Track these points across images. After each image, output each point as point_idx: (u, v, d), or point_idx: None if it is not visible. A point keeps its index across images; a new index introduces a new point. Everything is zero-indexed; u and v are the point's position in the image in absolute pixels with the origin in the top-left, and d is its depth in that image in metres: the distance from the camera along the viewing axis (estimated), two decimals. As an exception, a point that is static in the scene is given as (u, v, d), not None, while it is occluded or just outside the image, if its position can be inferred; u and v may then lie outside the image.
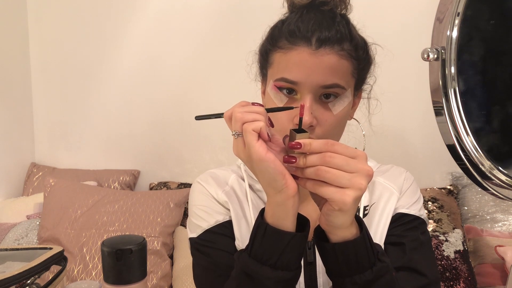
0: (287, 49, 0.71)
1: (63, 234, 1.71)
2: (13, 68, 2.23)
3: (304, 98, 0.69)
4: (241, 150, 0.60)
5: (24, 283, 0.73)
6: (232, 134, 0.60)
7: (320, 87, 0.69)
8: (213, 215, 0.78)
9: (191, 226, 0.80)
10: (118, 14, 2.18)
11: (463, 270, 1.57)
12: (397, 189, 0.81)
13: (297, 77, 0.69)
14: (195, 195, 0.82)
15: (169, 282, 1.69)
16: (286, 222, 0.60)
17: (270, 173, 0.57)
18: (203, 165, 2.15)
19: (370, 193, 0.81)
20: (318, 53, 0.68)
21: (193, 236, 0.78)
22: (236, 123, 0.59)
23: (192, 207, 0.81)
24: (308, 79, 0.68)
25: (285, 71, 0.70)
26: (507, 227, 1.68)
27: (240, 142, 0.60)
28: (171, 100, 2.16)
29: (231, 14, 2.04)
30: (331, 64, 0.69)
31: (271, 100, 0.73)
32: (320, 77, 0.68)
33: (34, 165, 2.29)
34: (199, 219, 0.79)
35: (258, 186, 0.80)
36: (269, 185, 0.59)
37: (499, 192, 0.54)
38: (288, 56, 0.70)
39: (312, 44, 0.69)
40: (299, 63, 0.69)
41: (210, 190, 0.80)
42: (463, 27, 0.51)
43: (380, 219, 0.78)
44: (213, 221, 0.77)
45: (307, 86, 0.68)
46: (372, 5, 1.83)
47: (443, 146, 0.54)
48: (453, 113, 0.51)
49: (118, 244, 0.46)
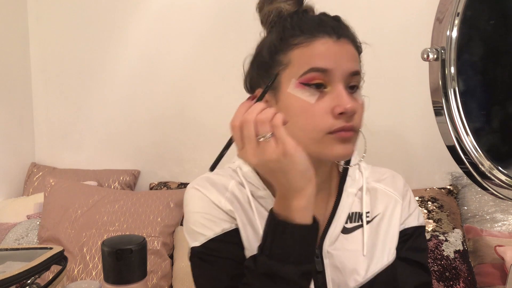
0: (307, 42, 0.68)
1: (63, 234, 1.71)
2: (13, 68, 2.23)
3: (336, 87, 0.67)
4: (272, 150, 0.58)
5: (24, 283, 0.73)
6: (261, 138, 0.59)
7: (349, 74, 0.67)
8: (218, 223, 0.74)
9: (192, 235, 0.75)
10: (118, 15, 2.18)
11: (463, 270, 1.57)
12: (399, 195, 0.80)
13: (327, 64, 0.66)
14: (195, 201, 0.77)
15: (169, 282, 1.69)
16: (311, 213, 0.61)
17: (303, 164, 0.59)
18: (203, 165, 2.15)
19: (372, 200, 0.79)
20: (340, 42, 0.68)
21: (195, 245, 0.74)
22: (263, 124, 0.58)
23: (192, 214, 0.76)
24: (339, 65, 0.66)
25: (311, 62, 0.67)
26: (507, 227, 1.68)
27: (271, 143, 0.58)
28: (171, 100, 2.16)
29: (231, 13, 2.03)
30: (352, 52, 0.69)
31: (293, 104, 0.68)
32: (348, 64, 0.68)
33: (34, 165, 2.29)
34: (201, 227, 0.74)
35: (260, 193, 0.77)
36: (302, 177, 0.59)
37: (499, 192, 0.54)
38: (311, 48, 0.68)
39: (333, 34, 0.68)
40: (326, 52, 0.67)
41: (211, 197, 0.75)
42: (463, 27, 0.51)
43: (387, 234, 0.76)
44: (219, 230, 0.73)
45: (338, 73, 0.66)
46: (372, 5, 1.83)
47: (443, 146, 0.54)
48: (453, 113, 0.51)
49: (118, 244, 0.46)
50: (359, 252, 0.74)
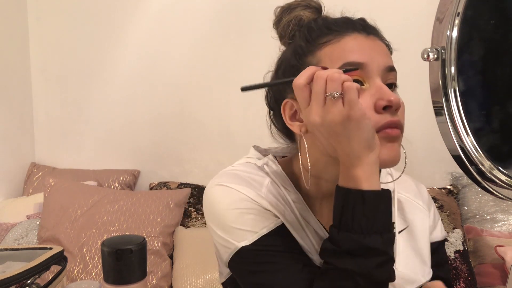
0: (337, 39, 0.64)
1: (63, 234, 1.71)
2: (13, 68, 2.23)
3: (375, 82, 0.62)
4: (338, 111, 0.55)
5: (24, 283, 0.73)
6: (329, 95, 0.56)
7: (385, 68, 0.64)
8: (266, 217, 0.67)
9: (235, 234, 0.67)
10: (118, 15, 2.18)
11: (463, 270, 1.57)
12: (426, 206, 0.77)
13: (361, 58, 0.62)
14: (227, 198, 0.68)
15: (169, 282, 1.69)
16: (378, 180, 0.58)
17: (369, 131, 0.56)
18: (203, 165, 2.15)
19: (399, 211, 0.75)
20: (370, 38, 0.65)
21: (245, 244, 0.65)
22: (333, 82, 0.55)
23: (228, 212, 0.67)
24: (374, 59, 0.63)
25: (344, 57, 0.62)
26: (507, 227, 1.68)
27: (337, 103, 0.55)
28: (171, 100, 2.16)
29: (231, 13, 2.04)
30: (384, 48, 0.66)
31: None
32: (383, 58, 0.64)
33: (34, 165, 2.29)
34: (247, 224, 0.66)
35: (292, 196, 0.70)
36: (366, 144, 0.57)
37: (499, 192, 0.54)
38: (343, 43, 0.64)
39: (362, 31, 0.65)
40: (358, 46, 0.63)
41: (246, 193, 0.68)
42: (463, 27, 0.51)
43: (419, 249, 0.73)
44: (271, 224, 0.66)
45: (375, 67, 0.63)
46: (372, 5, 1.82)
47: (443, 146, 0.54)
48: (453, 113, 0.51)
49: (118, 244, 0.46)
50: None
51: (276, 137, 0.77)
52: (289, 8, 0.70)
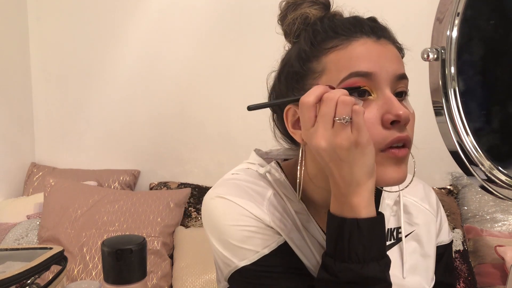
0: (344, 44, 0.60)
1: (63, 234, 1.71)
2: (13, 68, 2.23)
3: (383, 93, 0.58)
4: (346, 136, 0.53)
5: (24, 283, 0.73)
6: (339, 120, 0.53)
7: (395, 77, 0.59)
8: (269, 235, 0.64)
9: (235, 252, 0.64)
10: (118, 15, 2.18)
11: (463, 270, 1.57)
12: (433, 212, 0.75)
13: (369, 67, 0.58)
14: (228, 213, 0.65)
15: (169, 282, 1.69)
16: (374, 206, 0.57)
17: (373, 157, 0.55)
18: (203, 165, 2.16)
19: (406, 215, 0.74)
20: (381, 42, 0.61)
21: (245, 264, 0.63)
22: (345, 106, 0.53)
23: (229, 228, 0.64)
24: (383, 68, 0.58)
25: (351, 66, 0.58)
26: (507, 227, 1.68)
27: (347, 128, 0.53)
28: (171, 100, 2.16)
29: (231, 13, 2.04)
30: (395, 53, 0.62)
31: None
32: (393, 66, 0.59)
33: (34, 165, 2.29)
34: (248, 242, 0.63)
35: (295, 207, 0.68)
36: (368, 171, 0.55)
37: (499, 192, 0.54)
38: (350, 50, 0.59)
39: (371, 34, 0.61)
40: (366, 53, 0.59)
41: (247, 208, 0.65)
42: (463, 27, 0.51)
43: (424, 256, 0.72)
44: (273, 243, 0.64)
45: (383, 77, 0.58)
46: (372, 5, 1.82)
47: (443, 146, 0.54)
48: (453, 113, 0.51)
49: (118, 244, 0.46)
50: (396, 277, 0.66)
51: (280, 141, 0.75)
52: (295, 4, 0.66)
